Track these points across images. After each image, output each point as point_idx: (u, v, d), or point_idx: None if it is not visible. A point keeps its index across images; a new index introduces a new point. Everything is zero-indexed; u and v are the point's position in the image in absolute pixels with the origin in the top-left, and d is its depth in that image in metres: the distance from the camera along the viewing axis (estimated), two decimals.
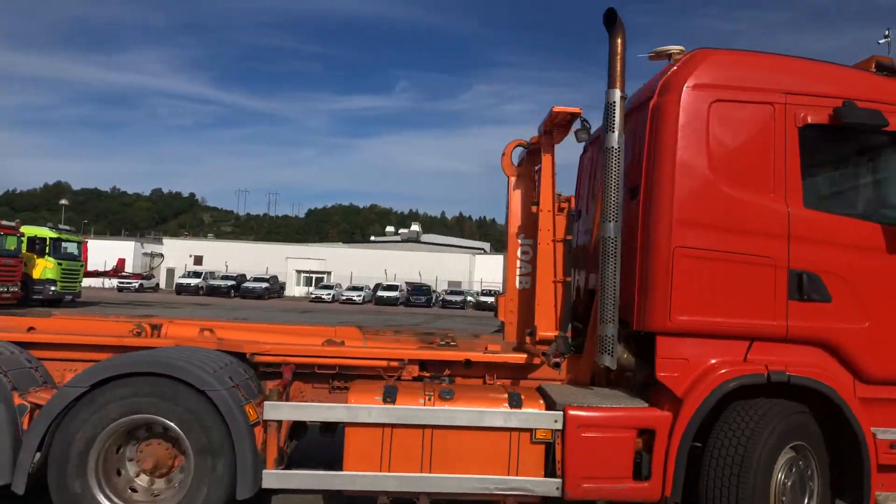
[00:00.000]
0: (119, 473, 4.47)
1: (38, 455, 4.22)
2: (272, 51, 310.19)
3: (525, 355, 5.15)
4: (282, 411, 4.51)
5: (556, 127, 5.30)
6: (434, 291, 56.96)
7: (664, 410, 4.54)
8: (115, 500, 4.36)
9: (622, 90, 4.75)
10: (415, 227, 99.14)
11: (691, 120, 4.65)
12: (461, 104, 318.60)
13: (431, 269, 63.47)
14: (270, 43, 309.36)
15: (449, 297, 53.91)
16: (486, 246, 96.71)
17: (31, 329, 5.33)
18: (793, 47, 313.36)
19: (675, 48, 5.13)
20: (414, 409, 4.43)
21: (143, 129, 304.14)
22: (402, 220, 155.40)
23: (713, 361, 4.59)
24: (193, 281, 54.29)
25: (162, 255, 61.91)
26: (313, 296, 53.40)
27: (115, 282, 53.29)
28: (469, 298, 55.79)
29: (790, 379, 4.48)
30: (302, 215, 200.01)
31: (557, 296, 5.19)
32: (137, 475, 4.51)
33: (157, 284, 58.05)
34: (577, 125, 5.11)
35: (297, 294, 62.25)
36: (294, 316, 32.23)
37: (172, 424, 4.33)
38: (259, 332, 5.83)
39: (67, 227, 33.66)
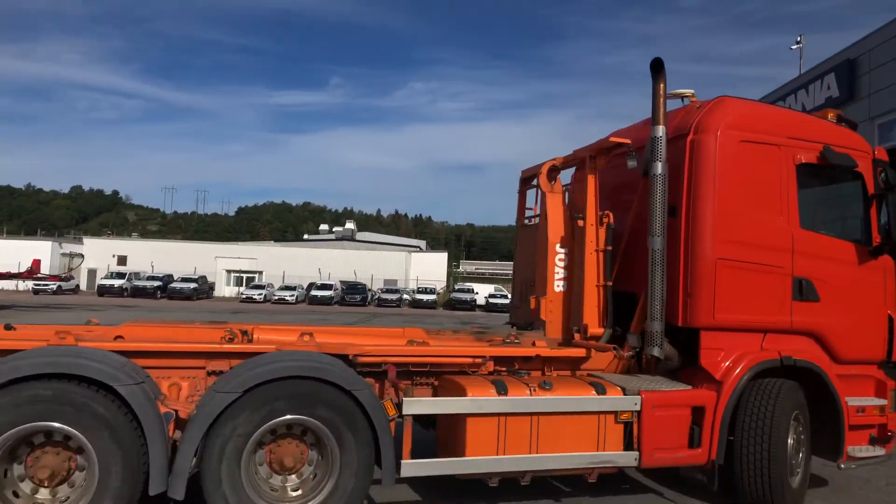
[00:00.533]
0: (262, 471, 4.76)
1: (194, 460, 4.34)
2: (199, 43, 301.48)
3: (583, 349, 5.99)
4: (419, 406, 4.99)
5: (601, 153, 6.22)
6: (370, 290, 56.53)
7: (707, 391, 5.68)
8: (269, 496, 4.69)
9: (665, 126, 5.79)
10: (349, 226, 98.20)
11: (726, 156, 5.80)
12: (396, 101, 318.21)
13: (367, 267, 62.97)
14: (197, 35, 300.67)
15: (384, 296, 53.61)
16: (422, 244, 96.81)
17: (118, 338, 5.25)
18: (710, 51, 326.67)
19: (687, 91, 6.42)
20: (526, 399, 5.16)
21: (61, 123, 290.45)
22: (337, 219, 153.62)
23: (740, 351, 5.79)
24: (117, 282, 52.10)
25: (82, 256, 58.95)
26: (244, 296, 52.05)
27: (30, 284, 50.54)
28: (405, 297, 55.66)
29: (796, 362, 5.84)
30: (232, 213, 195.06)
31: (601, 298, 6.10)
32: (274, 473, 4.79)
33: (77, 286, 55.34)
34: (630, 157, 6.02)
35: (227, 294, 60.57)
36: (225, 317, 31.35)
37: (321, 425, 4.69)
38: (341, 336, 6.15)
39: None
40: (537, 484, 5.43)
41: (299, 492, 4.76)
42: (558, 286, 6.44)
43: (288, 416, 4.62)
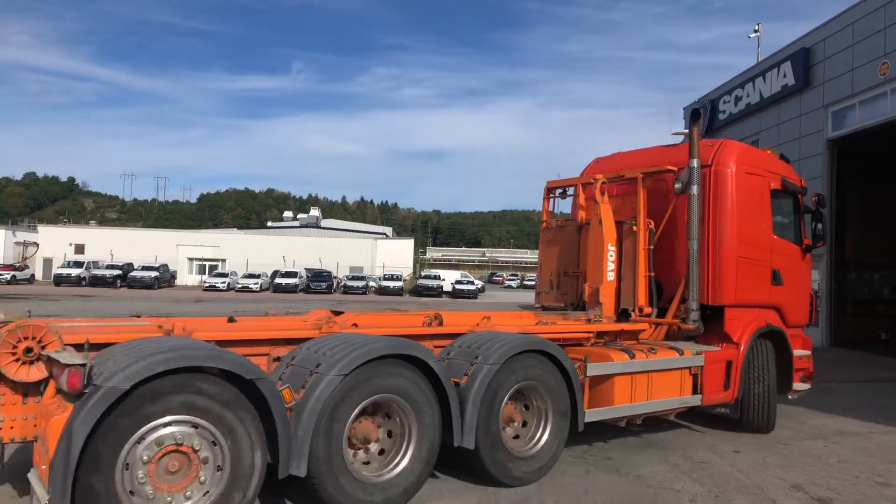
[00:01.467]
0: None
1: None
2: (154, 26, 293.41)
3: (646, 325, 7.80)
4: (598, 369, 6.44)
5: (648, 175, 8.03)
6: (335, 277, 56.14)
7: (733, 349, 7.79)
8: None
9: (699, 159, 7.66)
10: (314, 212, 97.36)
11: (738, 183, 7.89)
12: (359, 87, 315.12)
13: (332, 254, 62.46)
14: (152, 18, 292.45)
15: (350, 283, 53.27)
16: (389, 231, 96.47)
17: (354, 325, 6.08)
18: (670, 39, 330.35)
19: (685, 131, 9.07)
20: (646, 360, 6.83)
21: (11, 108, 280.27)
22: (301, 205, 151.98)
23: (747, 321, 7.97)
24: (74, 271, 50.67)
25: (37, 244, 57.37)
26: (207, 284, 51.17)
27: None
28: (371, 284, 55.44)
29: (773, 328, 8.20)
30: (194, 200, 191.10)
31: (648, 285, 7.87)
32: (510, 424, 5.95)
33: (32, 276, 53.77)
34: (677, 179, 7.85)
35: (189, 283, 59.54)
36: (188, 306, 30.87)
37: (545, 392, 5.98)
38: (513, 318, 7.40)
39: None
40: (589, 427, 6.48)
41: (534, 443, 6.07)
42: (610, 276, 7.98)
43: (526, 382, 5.88)
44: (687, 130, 8.43)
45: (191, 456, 4.07)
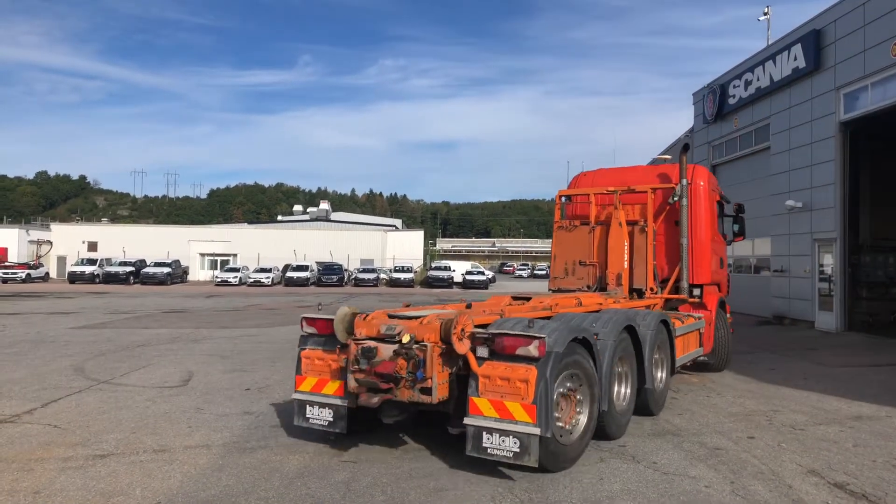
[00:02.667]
0: None
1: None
2: (162, 22, 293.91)
3: (659, 299, 10.43)
4: (680, 331, 9.21)
5: (655, 189, 10.76)
6: (346, 270, 56.27)
7: (709, 314, 10.81)
8: None
9: (686, 179, 10.53)
10: (324, 206, 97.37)
11: (707, 196, 10.97)
12: (367, 79, 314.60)
13: (342, 247, 62.63)
14: (157, 14, 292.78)
15: (361, 276, 53.40)
16: (398, 223, 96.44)
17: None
18: (678, 24, 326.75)
19: (667, 157, 14.27)
20: (688, 325, 9.75)
21: (21, 108, 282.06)
22: (311, 199, 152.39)
23: (713, 295, 11.09)
24: (88, 268, 51.14)
25: (50, 243, 57.85)
26: (219, 279, 51.43)
27: None
28: (382, 276, 55.54)
29: (722, 298, 11.67)
30: (204, 196, 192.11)
31: (653, 270, 10.55)
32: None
33: (47, 274, 54.33)
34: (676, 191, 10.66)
35: (201, 278, 59.89)
36: (200, 301, 31.08)
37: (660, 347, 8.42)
38: (596, 297, 9.37)
39: None
40: None
41: None
42: (625, 265, 10.43)
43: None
44: (665, 155, 12.47)
45: (575, 393, 6.08)
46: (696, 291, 10.77)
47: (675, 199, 10.45)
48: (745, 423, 7.84)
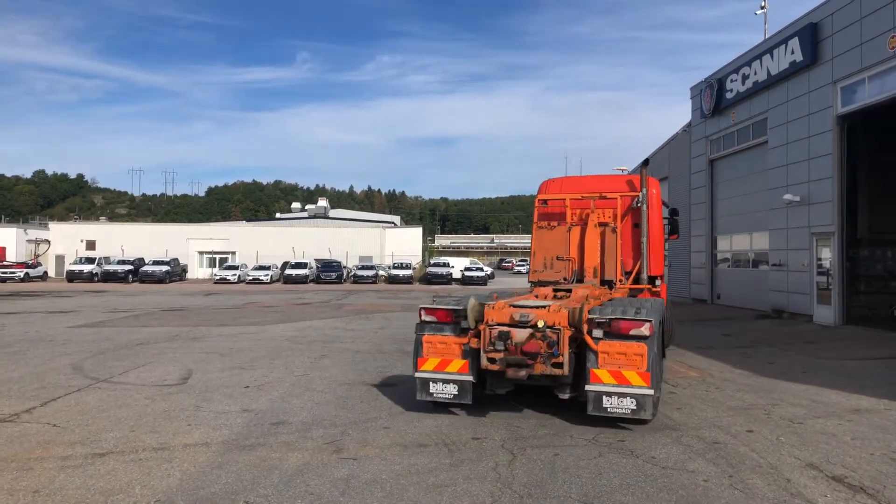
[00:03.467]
0: None
1: None
2: (158, 21, 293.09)
3: (627, 288, 11.72)
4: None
5: (624, 197, 12.38)
6: (345, 267, 56.25)
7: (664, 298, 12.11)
8: None
9: (646, 188, 11.95)
10: (322, 203, 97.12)
11: (657, 203, 12.59)
12: (364, 75, 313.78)
13: (341, 244, 62.55)
14: (154, 12, 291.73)
15: (360, 272, 53.36)
16: (397, 219, 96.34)
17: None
18: (676, 17, 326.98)
19: (623, 167, 26.59)
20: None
21: (19, 107, 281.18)
22: (309, 196, 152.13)
23: (663, 284, 12.67)
24: (86, 267, 51.11)
25: (48, 242, 57.76)
26: (217, 277, 51.36)
27: None
28: (381, 272, 55.52)
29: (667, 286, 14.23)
30: (202, 194, 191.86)
31: (621, 265, 11.96)
32: None
33: (45, 273, 54.28)
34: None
35: (200, 276, 59.83)
36: (198, 299, 31.06)
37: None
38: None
39: None
40: None
41: None
42: (597, 260, 11.84)
43: None
44: (624, 167, 22.92)
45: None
46: (658, 282, 12.37)
47: (638, 204, 12.15)
48: (743, 416, 7.86)
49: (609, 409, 6.99)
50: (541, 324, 7.15)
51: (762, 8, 25.96)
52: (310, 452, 6.25)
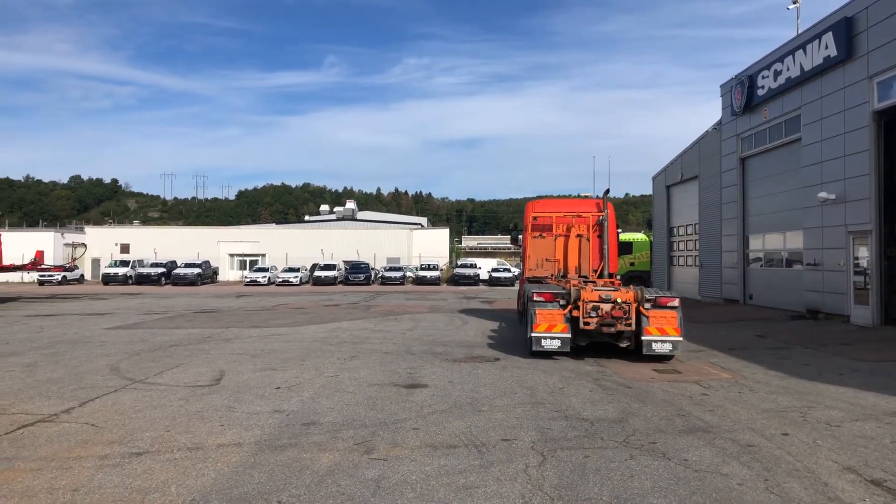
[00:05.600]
0: None
1: None
2: (188, 27, 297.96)
3: (600, 282, 14.49)
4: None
5: (595, 216, 17.45)
6: (373, 269, 56.57)
7: None
8: None
9: (607, 210, 16.98)
10: (350, 205, 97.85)
11: (615, 219, 17.92)
12: (391, 78, 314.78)
13: (369, 246, 62.95)
14: (185, 19, 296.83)
15: (388, 274, 53.64)
16: (424, 221, 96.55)
17: None
18: (705, 13, 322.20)
19: (587, 193, 33.83)
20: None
21: (56, 114, 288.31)
22: (337, 199, 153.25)
23: (617, 277, 17.65)
24: (121, 270, 52.27)
25: (85, 245, 59.06)
26: (248, 279, 52.04)
27: (34, 275, 50.73)
28: (408, 274, 55.71)
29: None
30: (232, 197, 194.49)
31: (592, 266, 17.12)
32: None
33: (82, 276, 55.54)
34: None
35: (231, 278, 60.69)
36: (230, 301, 31.49)
37: None
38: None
39: None
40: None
41: None
42: (577, 261, 16.53)
43: None
44: (588, 193, 35.21)
45: None
46: (618, 277, 17.14)
47: (602, 220, 17.13)
48: (778, 419, 7.72)
49: (656, 350, 11.66)
50: (620, 299, 11.88)
51: (794, 3, 25.45)
52: (340, 453, 6.30)
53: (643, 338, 11.56)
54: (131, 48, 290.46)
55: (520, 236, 21.19)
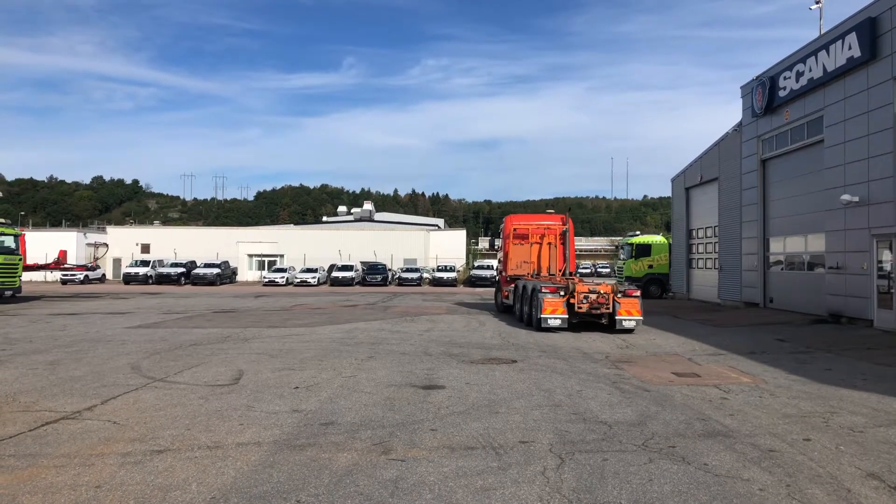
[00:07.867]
0: None
1: None
2: (210, 29, 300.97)
3: (573, 279, 20.40)
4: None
5: (563, 226, 23.55)
6: (390, 270, 56.71)
7: None
8: None
9: (569, 223, 23.43)
10: (367, 206, 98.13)
11: (573, 230, 23.49)
12: (410, 79, 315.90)
13: (386, 247, 63.14)
14: (205, 21, 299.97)
15: (405, 275, 53.78)
16: (441, 222, 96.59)
17: None
18: (726, 14, 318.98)
19: (551, 211, 41.39)
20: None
21: (79, 115, 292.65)
22: (355, 200, 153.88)
23: (575, 276, 22.77)
24: (142, 270, 52.87)
25: (106, 245, 59.87)
26: (266, 279, 52.40)
27: (57, 275, 51.49)
28: (425, 275, 55.78)
29: None
30: (251, 198, 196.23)
31: (562, 269, 22.80)
32: None
33: (104, 275, 56.30)
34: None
35: (249, 279, 61.17)
36: (248, 301, 31.74)
37: None
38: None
39: (3, 220, 32.20)
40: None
41: None
42: (548, 263, 22.81)
43: None
44: (551, 210, 38.54)
45: None
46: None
47: (565, 231, 22.68)
48: (800, 424, 7.62)
49: (625, 326, 17.13)
50: (602, 291, 17.40)
51: (817, 3, 25.13)
52: (359, 453, 6.33)
53: (616, 317, 17.15)
54: (153, 49, 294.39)
55: (497, 242, 26.36)
